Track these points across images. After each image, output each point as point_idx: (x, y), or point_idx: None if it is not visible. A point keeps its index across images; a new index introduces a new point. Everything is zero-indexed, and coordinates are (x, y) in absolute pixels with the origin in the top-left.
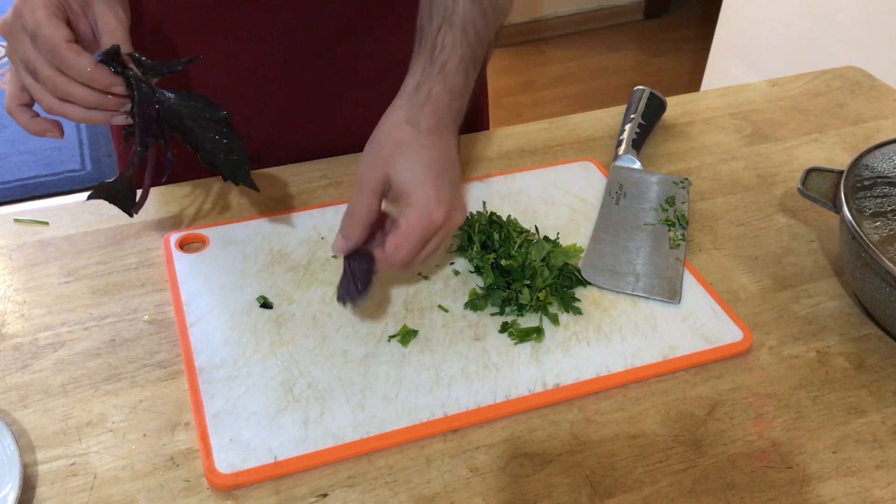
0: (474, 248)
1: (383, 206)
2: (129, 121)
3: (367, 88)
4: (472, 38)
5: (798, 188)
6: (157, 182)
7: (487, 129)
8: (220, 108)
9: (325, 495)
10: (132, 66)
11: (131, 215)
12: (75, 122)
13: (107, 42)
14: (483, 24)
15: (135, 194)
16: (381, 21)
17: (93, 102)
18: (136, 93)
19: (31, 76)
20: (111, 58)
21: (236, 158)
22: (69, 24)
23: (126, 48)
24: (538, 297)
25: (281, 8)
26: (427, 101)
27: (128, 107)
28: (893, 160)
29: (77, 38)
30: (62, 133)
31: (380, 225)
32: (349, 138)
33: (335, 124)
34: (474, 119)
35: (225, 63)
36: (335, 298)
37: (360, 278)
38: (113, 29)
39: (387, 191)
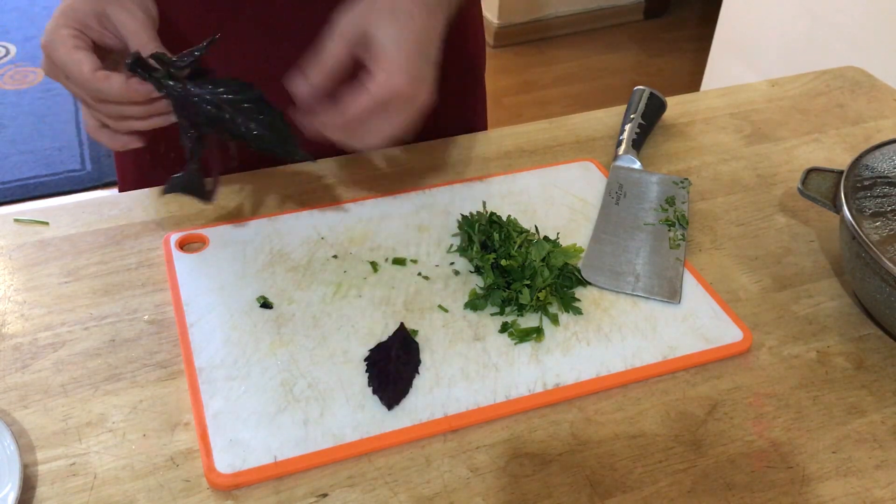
0: (474, 248)
1: None
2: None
3: None
4: None
5: (798, 188)
6: (228, 169)
7: (487, 129)
8: (253, 87)
9: (325, 495)
10: (157, 66)
11: (209, 202)
12: (142, 129)
13: (133, 45)
14: None
15: (205, 183)
16: None
17: (143, 113)
18: (167, 92)
19: (86, 106)
20: (136, 65)
21: (283, 134)
22: (95, 44)
23: (152, 47)
24: (538, 297)
25: (280, 6)
26: None
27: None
28: (893, 160)
29: (107, 53)
30: (142, 140)
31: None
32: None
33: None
34: (474, 119)
35: (222, 64)
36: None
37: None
38: (133, 31)
39: (359, 49)
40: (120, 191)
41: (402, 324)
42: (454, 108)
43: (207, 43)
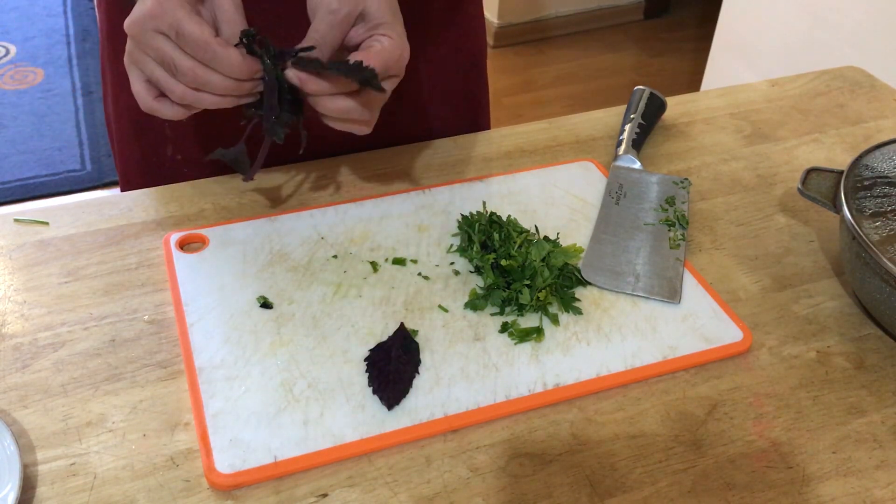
0: (474, 248)
1: None
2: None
3: None
4: None
5: (798, 188)
6: (294, 156)
7: (488, 128)
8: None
9: (325, 495)
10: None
11: (247, 179)
12: (207, 107)
13: (226, 30)
14: None
15: (249, 161)
16: None
17: (229, 89)
18: (265, 74)
19: (167, 70)
20: (251, 42)
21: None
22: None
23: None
24: (538, 297)
25: (279, 6)
26: None
27: (259, 89)
28: (893, 160)
29: None
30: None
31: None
32: (350, 139)
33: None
34: (475, 119)
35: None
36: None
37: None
38: (230, 17)
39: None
40: (122, 190)
41: (402, 324)
42: (460, 104)
43: (303, 49)
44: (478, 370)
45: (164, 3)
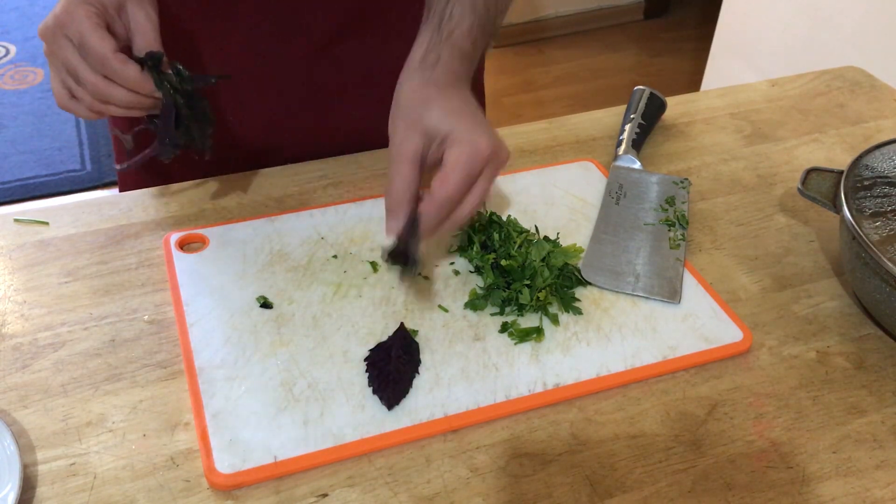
0: (474, 248)
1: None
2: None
3: (367, 88)
4: (481, 10)
5: (798, 188)
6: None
7: None
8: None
9: (325, 495)
10: (170, 72)
11: (121, 168)
12: (114, 115)
13: (140, 42)
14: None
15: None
16: (379, 21)
17: (132, 103)
18: (167, 99)
19: (73, 80)
20: (155, 64)
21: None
22: (108, 28)
23: (156, 46)
24: (538, 297)
25: (278, 7)
26: (437, 63)
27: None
28: (893, 160)
29: (115, 40)
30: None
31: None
32: (349, 138)
33: (335, 124)
34: None
35: (222, 63)
36: (395, 273)
37: (411, 245)
38: (144, 29)
39: (426, 157)
40: (120, 191)
41: (402, 324)
42: None
43: (219, 77)
44: (478, 370)
45: (73, 12)
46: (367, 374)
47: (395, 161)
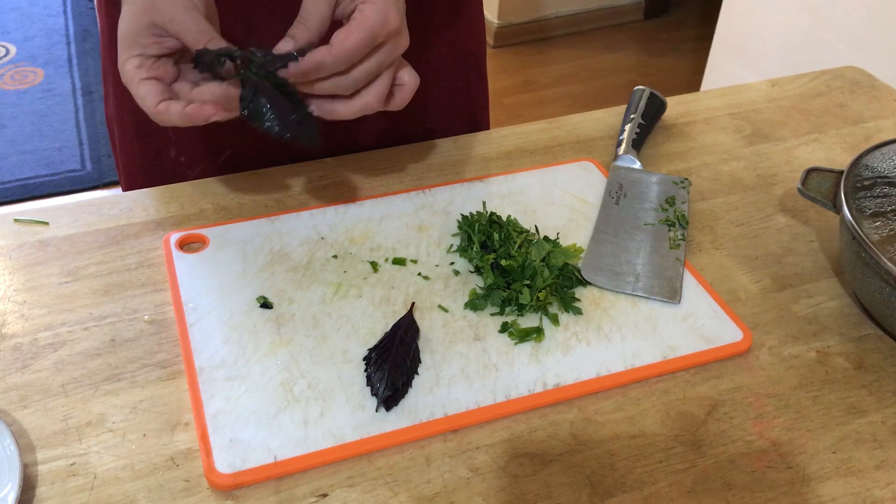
0: (474, 249)
1: None
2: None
3: None
4: None
5: (798, 188)
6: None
7: (488, 128)
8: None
9: (325, 495)
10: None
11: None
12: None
13: (189, 41)
14: None
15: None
16: None
17: (221, 111)
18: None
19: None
20: (200, 63)
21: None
22: (162, 56)
23: (206, 36)
24: (538, 297)
25: (282, 8)
26: None
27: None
28: (893, 160)
29: (181, 54)
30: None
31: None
32: (349, 139)
33: (335, 125)
34: (475, 119)
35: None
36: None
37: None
38: (185, 28)
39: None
40: (124, 190)
41: (413, 304)
42: (458, 103)
43: (288, 56)
44: (478, 370)
45: (124, 72)
46: (366, 374)
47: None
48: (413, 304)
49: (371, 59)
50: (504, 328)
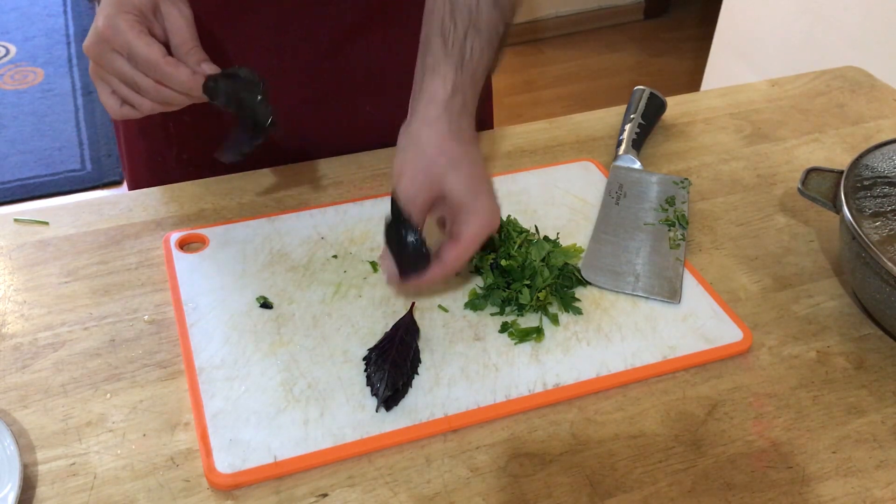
0: None
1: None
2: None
3: (373, 89)
4: (495, 44)
5: (798, 188)
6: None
7: (493, 128)
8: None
9: (325, 495)
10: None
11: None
12: (162, 110)
13: (176, 39)
14: (502, 27)
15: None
16: (388, 22)
17: (186, 99)
18: (215, 90)
19: (131, 88)
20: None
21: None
22: (150, 32)
23: (192, 44)
24: (538, 297)
25: (287, 8)
26: (463, 110)
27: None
28: (893, 160)
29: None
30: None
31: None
32: (353, 138)
33: (340, 125)
34: (482, 112)
35: (230, 64)
36: (391, 275)
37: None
38: (179, 27)
39: (436, 207)
40: (129, 188)
41: (413, 303)
42: None
43: (262, 84)
44: (478, 370)
45: (114, 24)
46: (366, 374)
47: (408, 207)
48: (413, 304)
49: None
50: (504, 328)
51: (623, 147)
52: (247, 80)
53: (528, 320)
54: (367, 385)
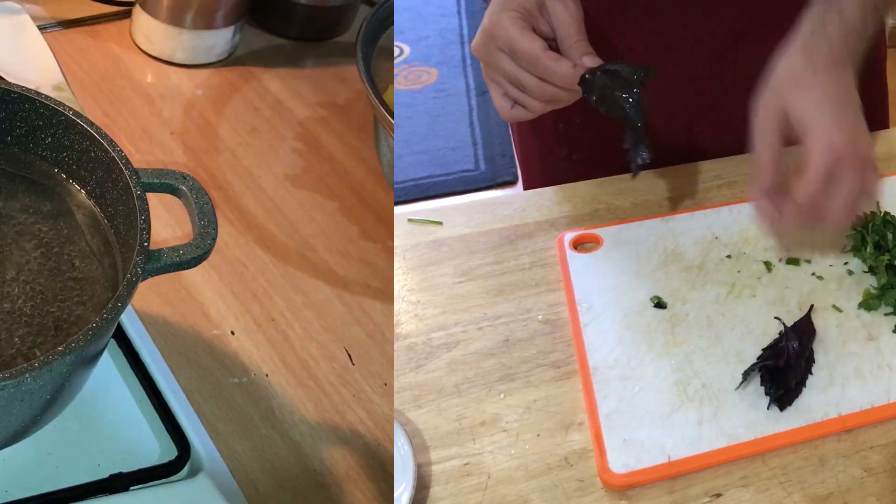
0: (868, 249)
1: None
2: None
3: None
4: None
5: None
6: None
7: (888, 127)
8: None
9: (718, 495)
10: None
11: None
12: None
13: (561, 33)
14: None
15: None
16: (778, 26)
17: (572, 99)
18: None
19: (517, 88)
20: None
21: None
22: (534, 29)
23: (577, 38)
24: None
25: (679, 15)
26: (823, 41)
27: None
28: None
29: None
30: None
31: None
32: (744, 139)
33: (731, 125)
34: (875, 117)
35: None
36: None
37: None
38: (564, 20)
39: (785, 132)
40: (524, 188)
41: (811, 306)
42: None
43: (649, 72)
44: (871, 370)
45: (498, 21)
46: (760, 374)
47: (758, 131)
48: (812, 306)
49: (839, 192)
50: None
51: None
52: (624, 79)
53: None
54: (761, 385)
